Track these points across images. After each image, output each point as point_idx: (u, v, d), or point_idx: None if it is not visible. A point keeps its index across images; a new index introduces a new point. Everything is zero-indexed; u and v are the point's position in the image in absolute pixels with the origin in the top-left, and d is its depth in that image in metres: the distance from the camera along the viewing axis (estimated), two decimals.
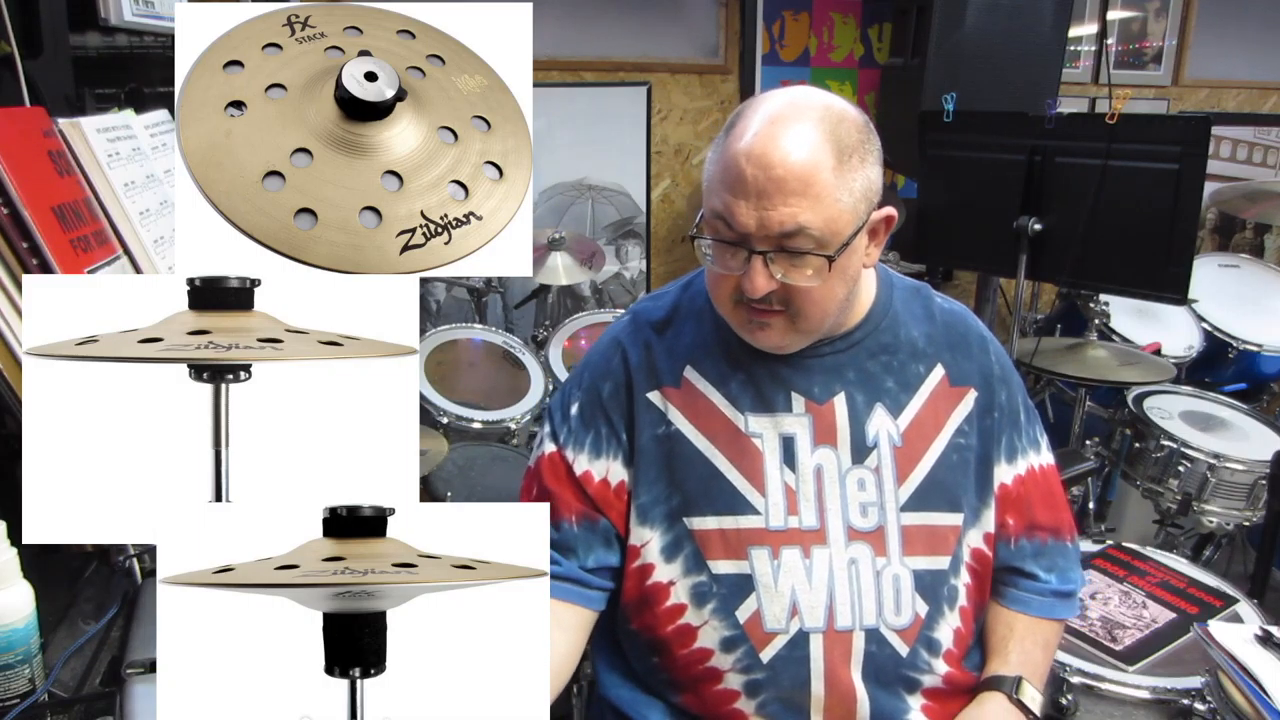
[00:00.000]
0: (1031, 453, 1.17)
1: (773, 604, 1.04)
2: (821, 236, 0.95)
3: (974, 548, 1.11)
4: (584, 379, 1.15)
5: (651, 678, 1.13)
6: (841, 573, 1.05)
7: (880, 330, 1.12)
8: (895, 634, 1.06)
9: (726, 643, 1.05)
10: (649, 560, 1.08)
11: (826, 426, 1.08)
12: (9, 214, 0.85)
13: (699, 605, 1.06)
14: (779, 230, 0.94)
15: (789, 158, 0.93)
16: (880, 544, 1.06)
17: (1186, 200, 2.02)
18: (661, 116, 3.30)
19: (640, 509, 1.08)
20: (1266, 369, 2.99)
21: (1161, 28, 4.02)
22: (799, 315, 1.01)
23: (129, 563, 1.11)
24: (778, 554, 1.05)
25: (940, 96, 2.45)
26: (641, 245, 3.34)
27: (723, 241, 0.98)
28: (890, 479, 1.08)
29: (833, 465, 1.07)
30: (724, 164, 0.97)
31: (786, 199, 0.93)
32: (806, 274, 0.97)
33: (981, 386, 1.13)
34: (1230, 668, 1.24)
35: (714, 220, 0.99)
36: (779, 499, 1.06)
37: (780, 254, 0.96)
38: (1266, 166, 4.12)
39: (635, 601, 1.11)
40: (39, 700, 0.89)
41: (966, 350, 1.14)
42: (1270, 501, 2.00)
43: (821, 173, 0.94)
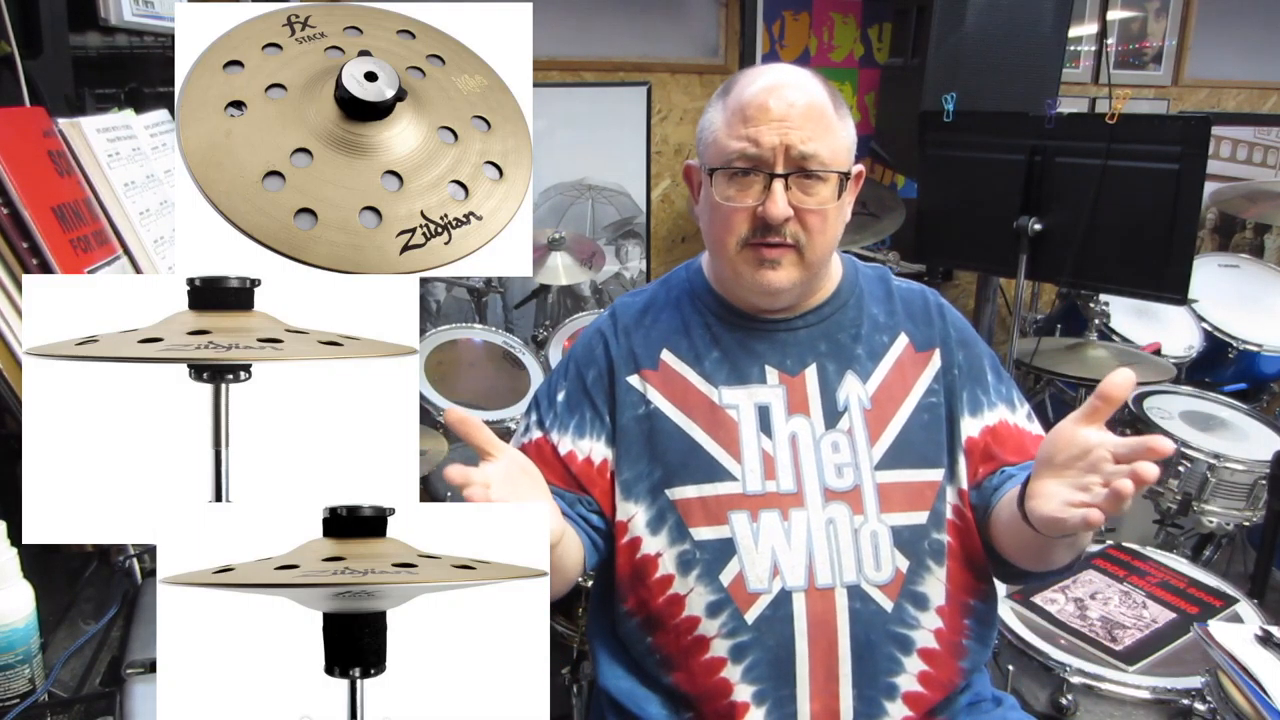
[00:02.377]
0: (1003, 408, 1.19)
1: (754, 565, 1.08)
2: (830, 161, 1.07)
3: (954, 504, 1.14)
4: (569, 369, 1.21)
5: (646, 660, 1.14)
6: (819, 532, 1.08)
7: (848, 306, 1.19)
8: (878, 589, 1.08)
9: (712, 607, 1.08)
10: (637, 533, 1.12)
11: (799, 397, 1.13)
12: (9, 214, 0.85)
13: (685, 573, 1.09)
14: (800, 150, 1.05)
15: (804, 92, 1.07)
16: (857, 502, 1.09)
17: (1186, 200, 2.02)
18: (661, 116, 3.30)
19: (624, 485, 1.13)
20: (1266, 369, 2.98)
21: (1161, 28, 4.02)
22: (807, 247, 1.08)
23: (129, 563, 1.11)
24: (756, 517, 1.09)
25: (940, 96, 2.46)
26: (641, 245, 3.34)
27: (741, 172, 1.07)
28: (863, 439, 1.12)
29: (807, 432, 1.12)
30: (739, 104, 1.08)
31: (805, 124, 1.05)
32: (820, 197, 1.07)
33: (943, 349, 1.18)
34: (1230, 668, 1.24)
35: (731, 158, 1.07)
36: (756, 465, 1.10)
37: (797, 177, 1.06)
38: (1266, 166, 4.12)
39: (629, 577, 1.13)
40: (39, 700, 0.89)
41: (927, 319, 1.20)
42: (1270, 501, 2.00)
43: (828, 110, 1.08)
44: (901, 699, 1.08)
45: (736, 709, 1.07)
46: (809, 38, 3.41)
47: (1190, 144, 2.00)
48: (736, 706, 1.07)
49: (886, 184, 3.49)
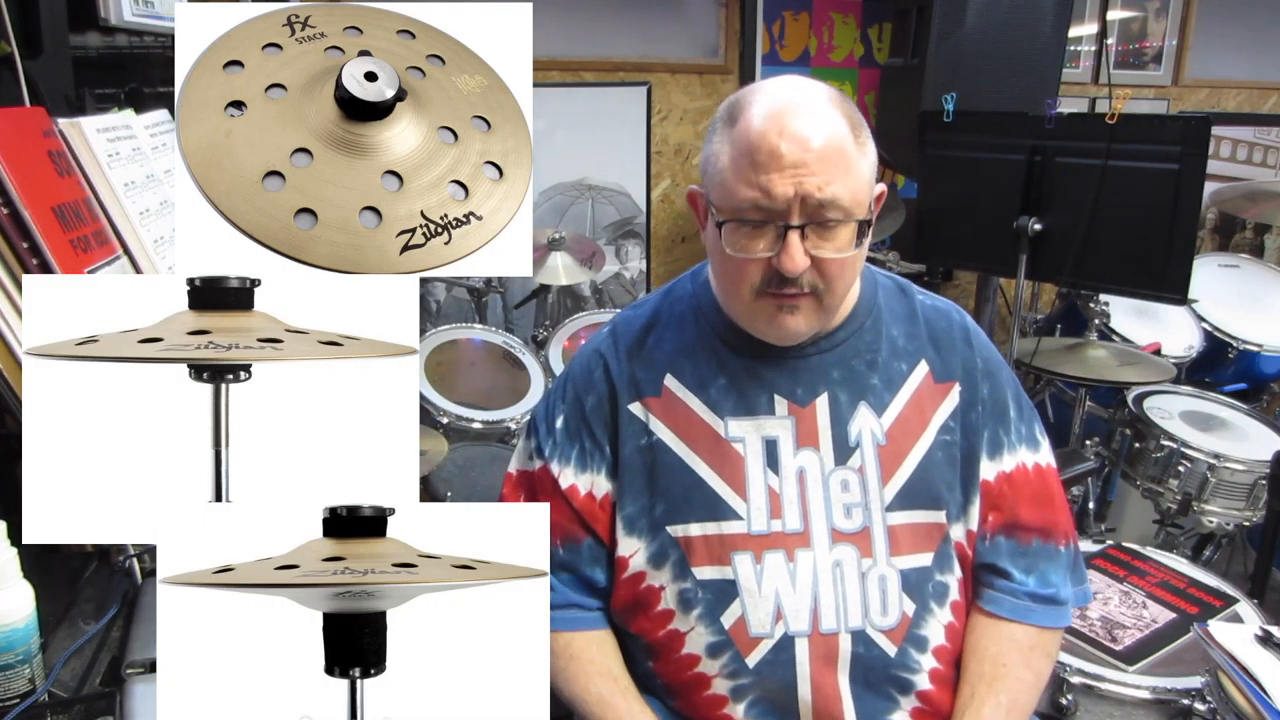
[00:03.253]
0: (1024, 449, 1.13)
1: (757, 609, 1.04)
2: (850, 207, 0.97)
3: (958, 542, 1.10)
4: (567, 392, 1.15)
5: (649, 681, 1.13)
6: (826, 575, 1.04)
7: (864, 330, 1.11)
8: (882, 634, 1.05)
9: (712, 648, 1.05)
10: (640, 568, 1.09)
11: (809, 429, 1.08)
12: (9, 214, 0.85)
13: (685, 611, 1.06)
14: (817, 199, 0.95)
15: (819, 131, 0.95)
16: (866, 545, 1.05)
17: (1186, 200, 2.02)
18: (661, 116, 3.30)
19: (626, 519, 1.09)
20: (1266, 369, 2.98)
21: (1161, 28, 4.02)
22: (827, 292, 1.01)
23: (129, 563, 1.11)
24: (760, 558, 1.05)
25: (940, 96, 2.46)
26: (641, 245, 3.34)
27: (753, 224, 0.98)
28: (875, 479, 1.07)
29: (815, 468, 1.07)
30: (748, 146, 0.96)
31: (821, 169, 0.94)
32: (839, 245, 0.98)
33: (965, 381, 1.11)
34: (1230, 668, 1.24)
35: (740, 208, 0.97)
36: (761, 503, 1.06)
37: (813, 227, 0.96)
38: (1266, 166, 4.12)
39: (628, 607, 1.11)
40: (39, 700, 0.88)
41: (950, 345, 1.13)
42: (1270, 501, 2.00)
43: (846, 145, 0.96)
44: None
45: None
46: (809, 38, 3.41)
47: (1190, 144, 2.00)
48: None
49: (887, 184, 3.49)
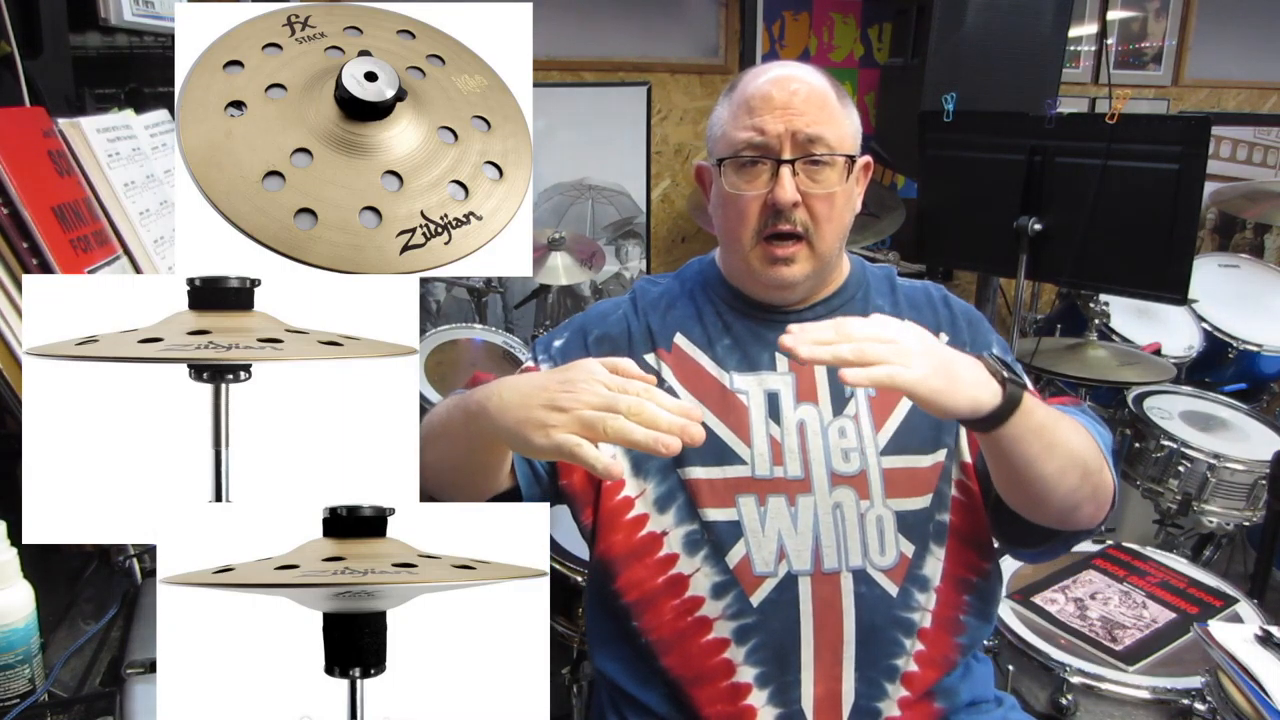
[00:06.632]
0: None
1: (760, 548, 1.08)
2: (835, 145, 1.10)
3: (958, 480, 1.15)
4: (573, 323, 1.24)
5: (633, 640, 1.13)
6: (826, 516, 1.09)
7: (855, 299, 1.22)
8: (883, 574, 1.09)
9: (717, 588, 1.09)
10: (643, 510, 1.12)
11: (808, 384, 1.15)
12: (9, 214, 0.85)
13: (691, 553, 1.10)
14: (805, 134, 1.08)
15: (808, 81, 1.11)
16: (863, 487, 1.10)
17: (1186, 200, 2.02)
18: (661, 116, 3.30)
19: (635, 461, 1.13)
20: (1266, 369, 2.98)
21: (1161, 28, 4.02)
22: (816, 236, 1.11)
23: (129, 563, 1.11)
24: (764, 501, 1.10)
25: (940, 96, 2.46)
26: (641, 245, 3.34)
27: (749, 160, 1.10)
28: (868, 425, 1.13)
29: (815, 419, 1.13)
30: (744, 97, 1.11)
31: (809, 110, 1.08)
32: (828, 181, 1.10)
33: (950, 330, 1.20)
34: (1230, 668, 1.24)
35: (738, 148, 1.10)
36: (764, 450, 1.11)
37: (804, 162, 1.09)
38: (1266, 166, 4.13)
39: (624, 555, 1.12)
40: (39, 700, 0.89)
41: (931, 308, 1.23)
42: (1270, 501, 2.00)
43: (831, 97, 1.12)
44: (900, 680, 1.09)
45: (739, 690, 1.07)
46: (809, 38, 3.41)
47: (1190, 144, 2.00)
48: (739, 688, 1.07)
49: (886, 184, 3.49)
